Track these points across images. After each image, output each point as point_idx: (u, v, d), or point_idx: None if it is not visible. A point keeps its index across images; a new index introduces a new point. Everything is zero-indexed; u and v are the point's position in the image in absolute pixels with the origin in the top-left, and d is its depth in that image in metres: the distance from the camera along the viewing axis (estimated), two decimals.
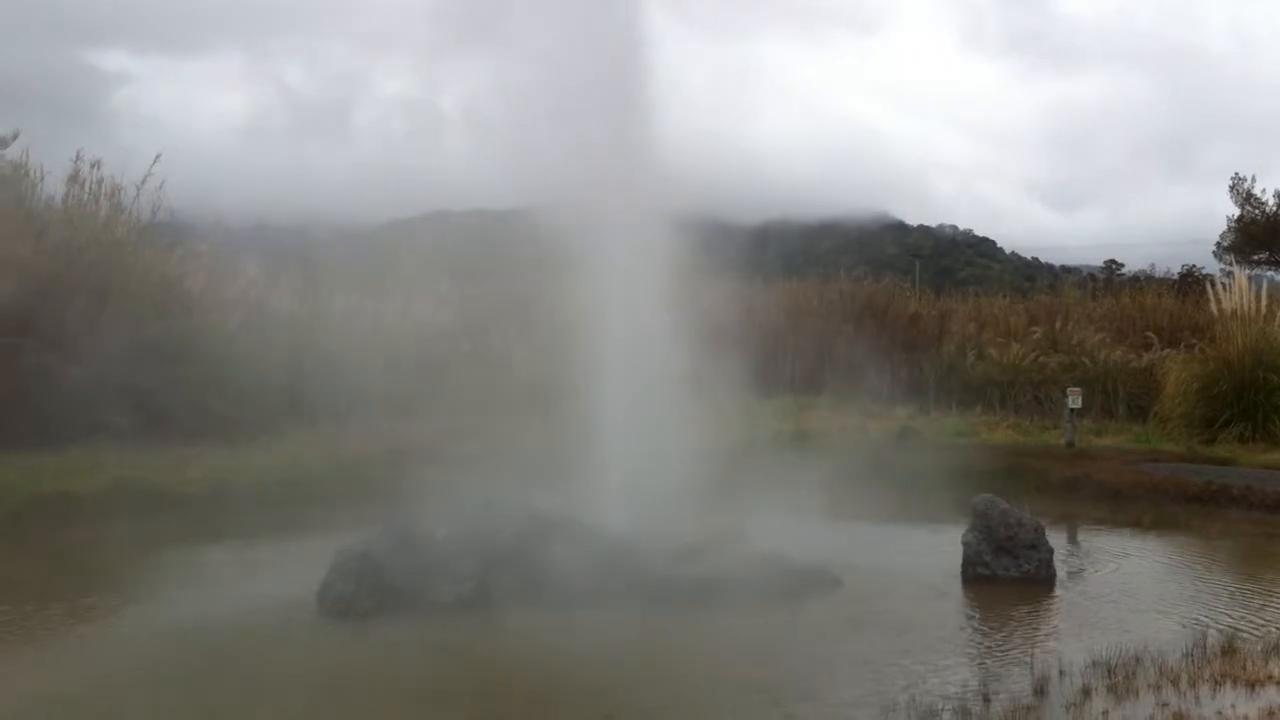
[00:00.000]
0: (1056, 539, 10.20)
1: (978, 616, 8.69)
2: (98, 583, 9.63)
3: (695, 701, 6.72)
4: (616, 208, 9.84)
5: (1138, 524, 12.31)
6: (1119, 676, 6.44)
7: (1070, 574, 9.88)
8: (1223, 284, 19.44)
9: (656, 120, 10.17)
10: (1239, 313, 18.22)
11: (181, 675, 7.00)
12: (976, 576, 9.47)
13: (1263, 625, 8.02)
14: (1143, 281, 32.75)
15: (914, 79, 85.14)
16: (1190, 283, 30.23)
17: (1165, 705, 5.94)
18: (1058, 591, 9.27)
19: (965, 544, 9.66)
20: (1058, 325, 23.35)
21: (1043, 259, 54.13)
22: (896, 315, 25.01)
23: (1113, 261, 42.14)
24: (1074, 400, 16.65)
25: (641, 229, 9.92)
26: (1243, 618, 8.31)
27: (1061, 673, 6.59)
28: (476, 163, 9.97)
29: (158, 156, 16.54)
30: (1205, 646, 7.02)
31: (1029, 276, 46.10)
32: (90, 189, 16.52)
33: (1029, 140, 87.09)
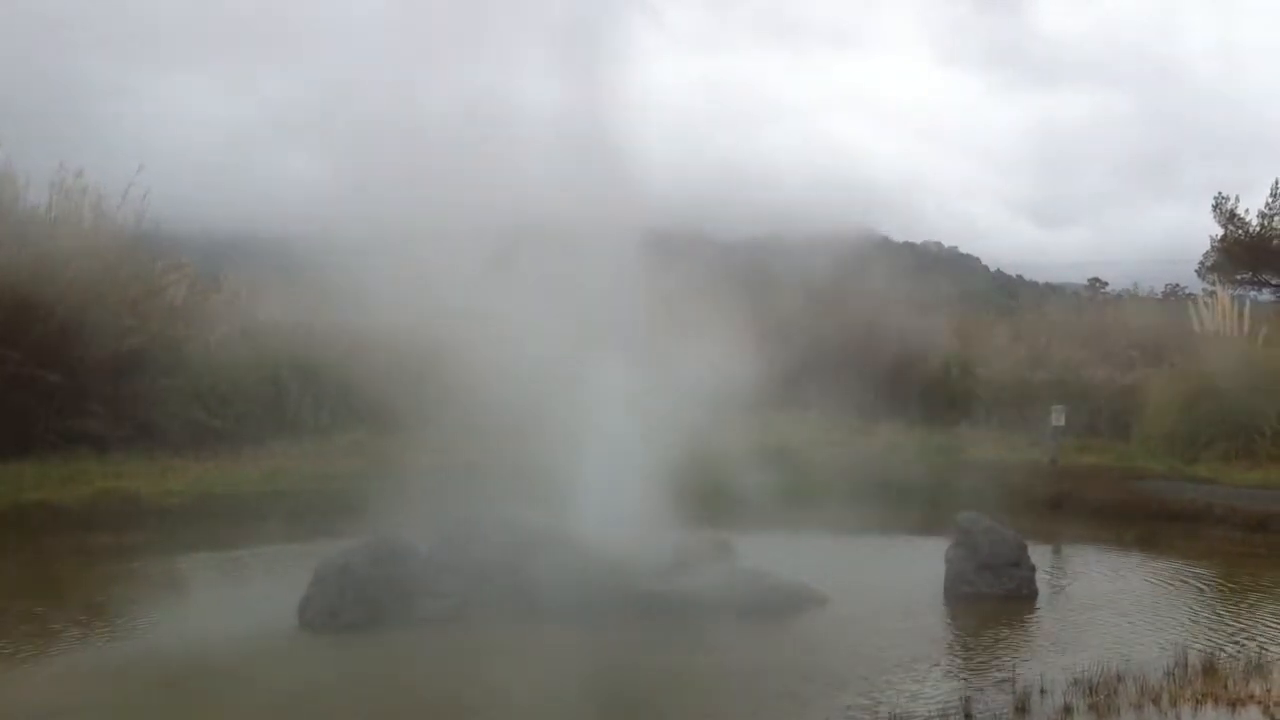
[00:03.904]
0: (1040, 556, 10.22)
1: (960, 634, 8.70)
2: (77, 595, 9.57)
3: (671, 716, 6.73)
4: (603, 224, 9.85)
5: (1120, 542, 12.35)
6: (1100, 695, 6.46)
7: (1053, 591, 9.90)
8: (1205, 303, 19.55)
9: (642, 137, 10.21)
10: (1222, 332, 18.32)
11: (161, 689, 6.96)
12: (960, 593, 9.48)
13: (1244, 644, 8.04)
14: (1126, 299, 32.81)
15: (896, 95, 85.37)
16: (1174, 301, 30.35)
17: None
18: (1040, 609, 9.29)
19: (949, 561, 9.68)
20: (1042, 342, 23.42)
21: (1027, 276, 54.23)
22: (881, 332, 25.00)
23: (1096, 279, 42.27)
24: (1057, 417, 16.70)
25: (628, 245, 9.94)
26: (1224, 637, 8.33)
27: (1043, 690, 6.60)
28: (462, 178, 9.97)
29: (141, 166, 16.44)
30: (1186, 665, 7.04)
31: (1013, 293, 46.18)
32: (74, 198, 16.42)
33: (1012, 157, 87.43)
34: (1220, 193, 36.88)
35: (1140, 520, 13.23)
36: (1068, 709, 6.26)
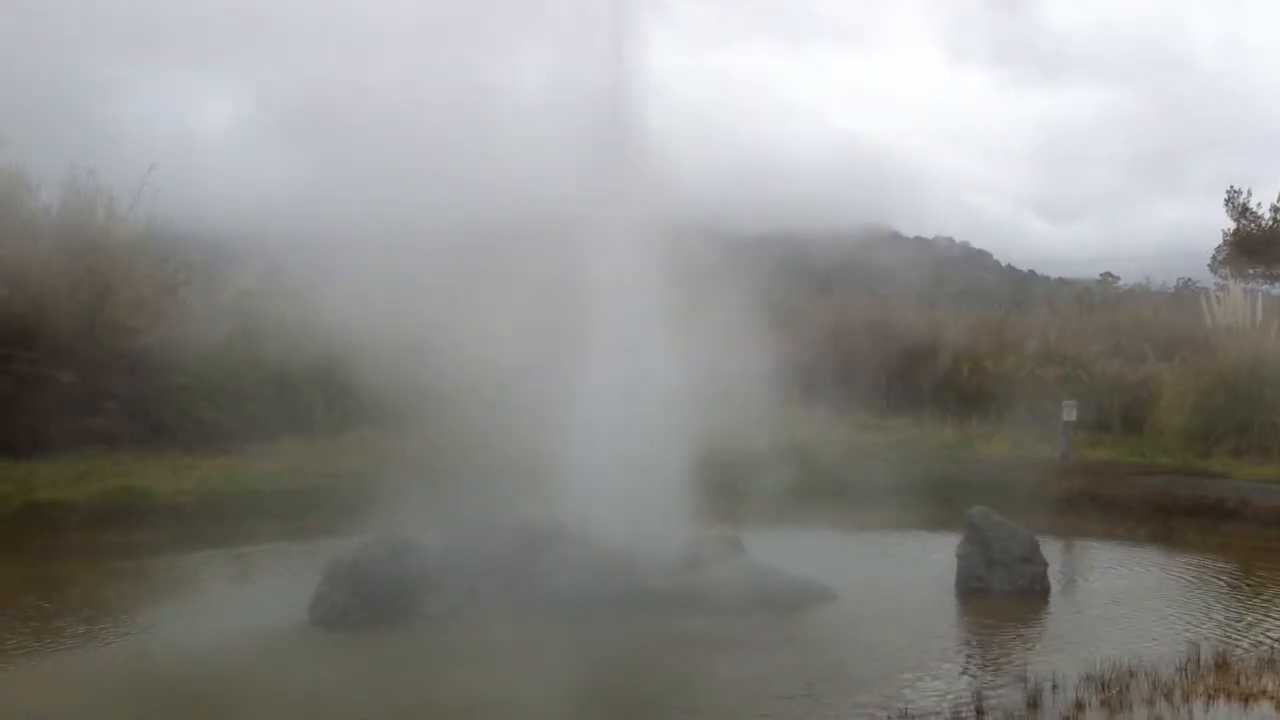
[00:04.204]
0: (1051, 552, 10.18)
1: (972, 630, 8.67)
2: (87, 592, 9.59)
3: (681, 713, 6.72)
4: (610, 218, 9.83)
5: (1133, 537, 12.32)
6: (1112, 690, 6.43)
7: (1064, 587, 9.86)
8: (1218, 297, 19.46)
9: (651, 132, 10.16)
10: (1234, 326, 18.24)
11: (169, 687, 6.97)
12: (971, 589, 9.45)
13: (1256, 640, 8.00)
14: (1138, 294, 32.68)
15: (905, 91, 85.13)
16: (1186, 296, 30.22)
17: (1159, 719, 5.93)
18: (1052, 604, 9.25)
19: (960, 557, 9.64)
20: (1053, 337, 23.35)
21: (1038, 271, 54.01)
22: (892, 327, 24.97)
23: (1108, 274, 42.01)
24: (1069, 413, 16.66)
25: (635, 240, 9.91)
26: (1237, 632, 8.29)
27: (1055, 686, 6.57)
28: (471, 173, 9.96)
29: (152, 165, 16.45)
30: (1199, 660, 7.01)
31: (1024, 288, 46.03)
32: (86, 197, 16.45)
33: (1021, 152, 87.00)
34: (1232, 186, 36.79)
35: (1153, 515, 13.20)
36: (1080, 704, 6.23)
